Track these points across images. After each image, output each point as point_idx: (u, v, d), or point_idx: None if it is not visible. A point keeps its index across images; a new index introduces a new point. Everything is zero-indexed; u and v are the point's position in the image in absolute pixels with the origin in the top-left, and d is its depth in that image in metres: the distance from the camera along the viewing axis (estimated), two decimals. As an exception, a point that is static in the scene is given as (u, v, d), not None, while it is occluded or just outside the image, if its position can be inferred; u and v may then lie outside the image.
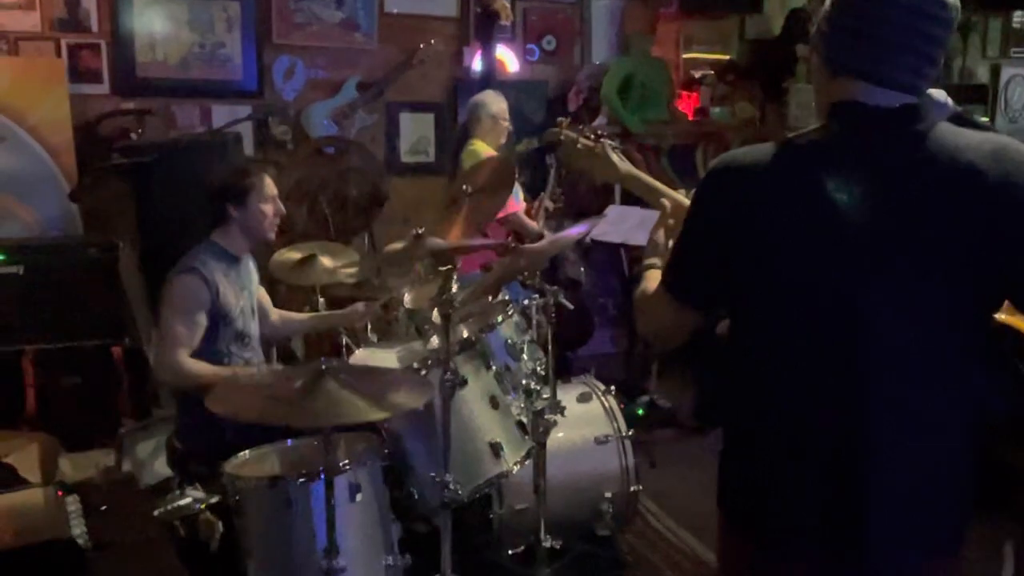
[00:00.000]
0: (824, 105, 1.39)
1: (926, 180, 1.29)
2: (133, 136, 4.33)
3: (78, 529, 1.69)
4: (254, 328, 3.00)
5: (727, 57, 5.66)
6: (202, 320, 2.75)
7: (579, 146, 1.99)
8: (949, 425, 1.35)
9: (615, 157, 1.97)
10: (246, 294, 2.95)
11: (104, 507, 1.88)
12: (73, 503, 1.80)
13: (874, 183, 1.30)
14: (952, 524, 1.39)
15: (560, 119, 2.22)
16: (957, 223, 1.28)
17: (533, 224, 4.31)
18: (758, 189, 1.35)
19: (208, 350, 2.77)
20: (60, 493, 1.85)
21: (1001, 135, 1.34)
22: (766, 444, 1.41)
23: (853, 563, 1.36)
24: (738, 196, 1.37)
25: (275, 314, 3.24)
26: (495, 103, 4.30)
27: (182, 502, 2.99)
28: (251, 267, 3.05)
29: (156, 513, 2.77)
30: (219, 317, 2.80)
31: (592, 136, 2.00)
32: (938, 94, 1.43)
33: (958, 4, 1.33)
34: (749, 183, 1.37)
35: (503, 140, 4.38)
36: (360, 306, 3.28)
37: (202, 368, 2.71)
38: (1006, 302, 1.36)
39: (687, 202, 1.74)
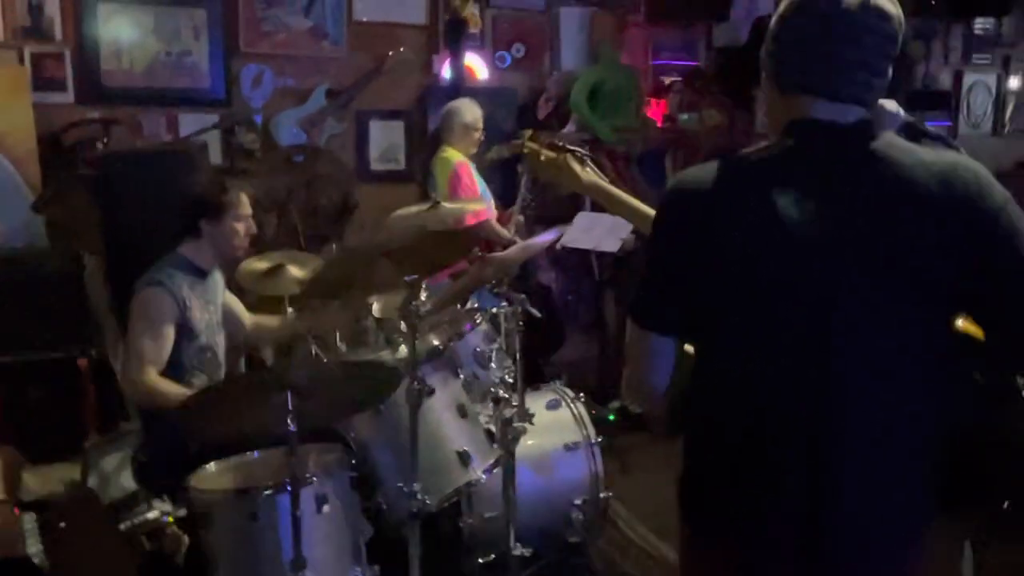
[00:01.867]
0: (777, 122, 1.41)
1: (877, 198, 1.31)
2: (99, 145, 4.28)
3: (34, 548, 1.66)
4: (220, 341, 2.97)
5: (695, 64, 5.70)
6: (169, 334, 2.72)
7: (542, 158, 1.99)
8: (913, 432, 1.37)
9: (577, 167, 1.97)
10: (212, 308, 2.93)
11: (63, 524, 1.85)
12: (29, 521, 1.78)
13: (826, 200, 1.32)
14: (916, 524, 1.41)
15: (523, 131, 2.22)
16: (908, 241, 1.30)
17: (504, 232, 4.32)
18: (714, 207, 1.36)
19: (172, 365, 2.74)
20: (16, 510, 1.81)
21: (950, 152, 1.37)
22: (731, 456, 1.42)
23: (812, 562, 1.38)
24: (694, 216, 1.38)
25: (249, 322, 3.21)
26: (469, 111, 4.31)
27: (149, 516, 2.96)
28: (218, 280, 3.02)
29: (122, 527, 2.75)
30: (184, 332, 2.77)
31: (554, 147, 2.00)
32: (890, 104, 1.46)
33: (900, 16, 1.35)
34: (704, 202, 1.37)
35: (474, 149, 4.39)
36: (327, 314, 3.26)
37: (168, 387, 2.68)
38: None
39: (648, 211, 1.76)
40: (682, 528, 1.53)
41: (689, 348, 1.49)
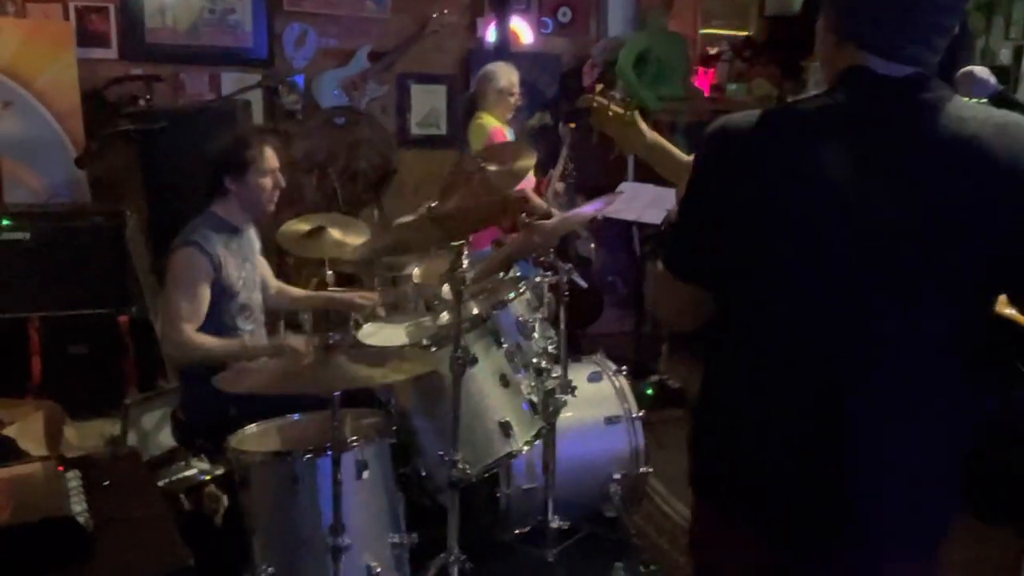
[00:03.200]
0: (830, 71, 1.34)
1: (929, 153, 1.23)
2: (141, 102, 4.27)
3: (79, 506, 1.65)
4: (257, 299, 2.95)
5: (745, 33, 5.55)
6: (205, 293, 2.70)
7: (610, 113, 1.96)
8: (938, 419, 1.29)
9: (643, 126, 1.94)
10: (248, 265, 2.90)
11: (106, 483, 1.84)
12: (74, 478, 1.77)
13: (876, 154, 1.24)
14: (932, 525, 1.34)
15: (596, 84, 2.19)
16: (958, 200, 1.21)
17: (540, 202, 4.23)
18: (757, 155, 1.29)
19: (213, 324, 2.72)
20: (61, 468, 1.81)
21: (1010, 112, 1.27)
22: (744, 423, 1.36)
23: (829, 553, 1.32)
24: (735, 164, 1.30)
25: (274, 287, 3.19)
26: (504, 76, 4.21)
27: (187, 473, 2.98)
28: (253, 236, 2.99)
29: (160, 484, 2.76)
30: (222, 290, 2.75)
31: (624, 103, 1.97)
32: (981, 71, 1.37)
33: None
34: (747, 150, 1.30)
35: (510, 114, 4.29)
36: (357, 298, 3.22)
37: (209, 341, 2.67)
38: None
39: None
40: (694, 498, 1.48)
41: None
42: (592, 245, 5.36)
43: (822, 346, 1.27)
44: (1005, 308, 1.31)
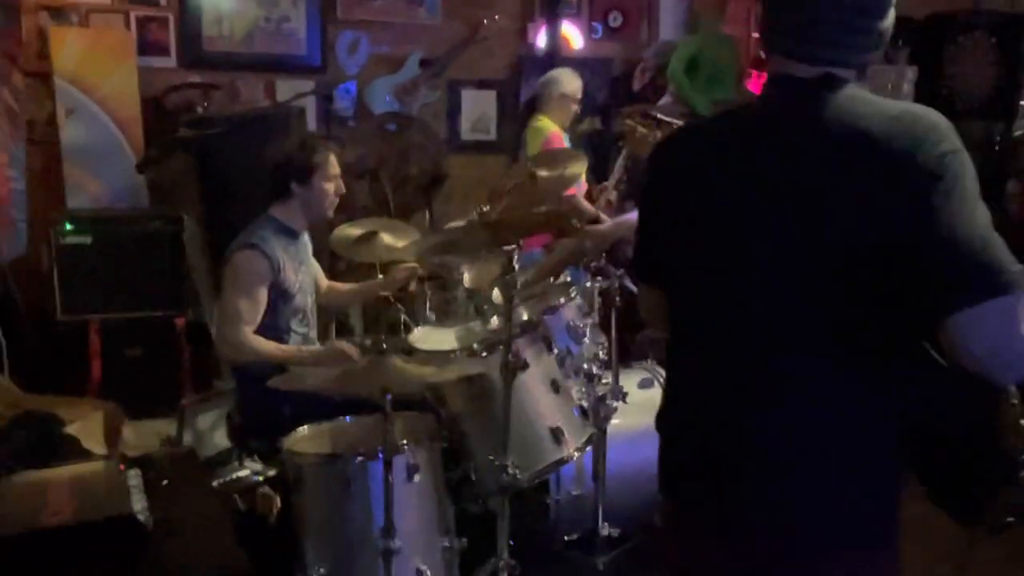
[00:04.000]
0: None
1: (818, 146, 1.26)
2: (199, 110, 4.36)
3: (139, 504, 1.68)
4: (311, 303, 2.99)
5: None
6: (263, 296, 2.74)
7: (637, 134, 1.98)
8: (850, 412, 1.27)
9: None
10: (304, 268, 2.94)
11: (165, 482, 1.88)
12: (135, 477, 1.80)
13: (766, 151, 1.30)
14: (855, 515, 1.30)
15: (624, 108, 2.21)
16: (841, 189, 1.22)
17: (590, 208, 4.21)
18: (677, 162, 1.42)
19: (269, 327, 2.76)
20: (122, 467, 1.84)
21: (913, 104, 1.27)
22: (674, 415, 1.46)
23: (743, 543, 1.34)
24: (665, 169, 1.44)
25: (324, 285, 3.23)
26: (570, 82, 4.20)
27: (241, 474, 3.01)
28: (307, 240, 3.03)
29: (215, 484, 2.80)
30: (279, 293, 2.79)
31: (647, 122, 1.98)
32: None
33: None
34: (674, 156, 1.43)
35: (569, 122, 4.29)
36: (399, 272, 3.21)
37: (265, 345, 2.71)
38: None
39: None
40: None
41: None
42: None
43: (713, 343, 1.35)
44: None
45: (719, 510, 1.36)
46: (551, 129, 4.11)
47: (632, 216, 3.01)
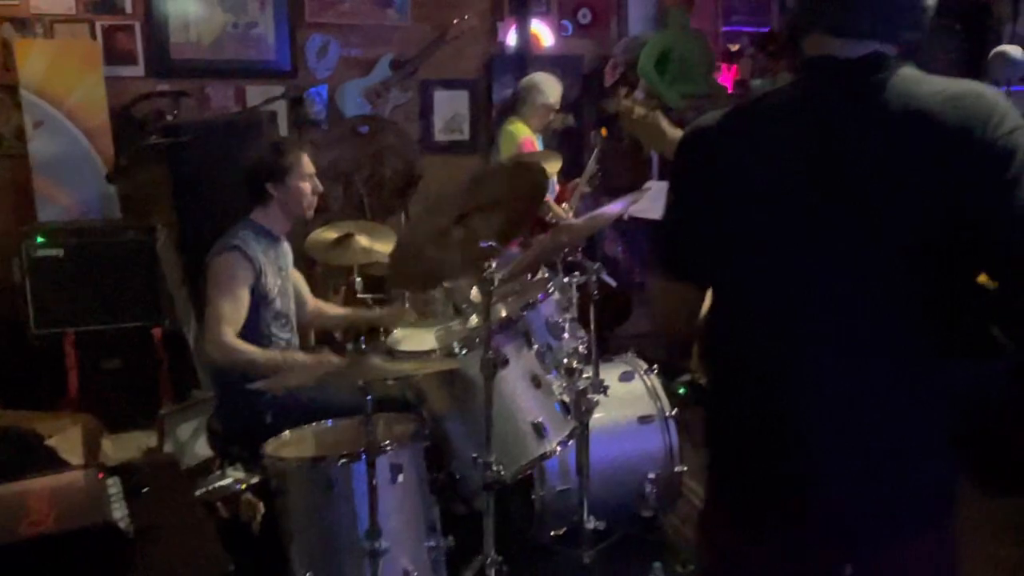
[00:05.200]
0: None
1: (877, 130, 1.24)
2: (168, 118, 4.33)
3: (119, 512, 1.67)
4: (292, 308, 2.97)
5: (767, 28, 5.52)
6: (246, 297, 2.72)
7: (634, 115, 1.97)
8: (898, 389, 1.27)
9: (666, 125, 1.94)
10: (284, 274, 2.93)
11: (146, 489, 1.86)
12: (114, 485, 1.79)
13: (827, 136, 1.26)
14: (918, 501, 1.30)
15: (621, 88, 2.23)
16: (909, 175, 1.21)
17: (561, 212, 4.22)
18: (721, 149, 1.34)
19: (250, 330, 2.74)
20: (101, 475, 1.83)
21: (972, 83, 1.26)
22: (726, 410, 1.41)
23: (811, 534, 1.31)
24: (703, 159, 1.36)
25: (312, 303, 3.20)
26: (551, 91, 4.20)
27: (223, 482, 2.99)
28: (288, 249, 3.02)
29: (197, 493, 2.78)
30: (260, 296, 2.77)
31: (647, 104, 1.98)
32: (1014, 51, 1.34)
33: None
34: (713, 145, 1.35)
35: (542, 128, 4.28)
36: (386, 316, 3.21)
37: (250, 348, 2.69)
38: None
39: None
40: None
41: None
42: (619, 246, 5.34)
43: (777, 330, 1.31)
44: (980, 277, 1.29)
45: (791, 490, 1.31)
46: (524, 134, 4.11)
47: (606, 210, 3.02)
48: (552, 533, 2.94)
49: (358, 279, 3.47)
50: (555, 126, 4.85)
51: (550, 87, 4.21)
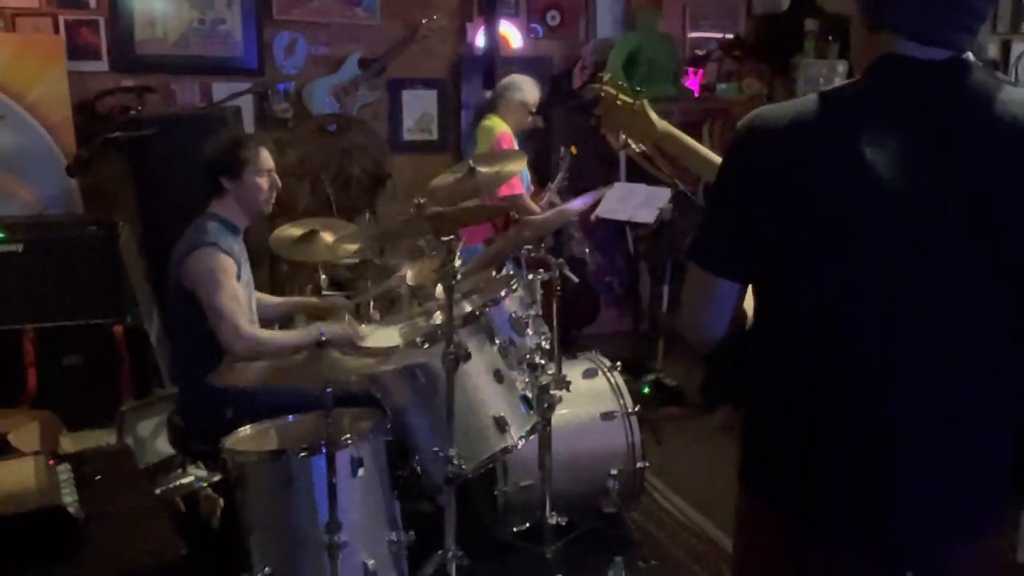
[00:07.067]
0: (863, 61, 1.31)
1: (972, 138, 1.22)
2: (132, 113, 4.28)
3: (69, 498, 1.65)
4: (254, 301, 2.95)
5: (734, 33, 5.58)
6: (239, 289, 2.70)
7: (618, 102, 1.91)
8: (984, 407, 1.28)
9: (653, 115, 1.90)
10: (247, 265, 2.91)
11: (98, 477, 1.84)
12: (65, 472, 1.77)
13: (918, 141, 1.22)
14: (986, 507, 1.32)
15: (600, 74, 2.16)
16: (1005, 184, 1.20)
17: (536, 208, 4.23)
18: (790, 145, 1.27)
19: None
20: (51, 462, 1.81)
21: None
22: (793, 414, 1.34)
23: (881, 541, 1.30)
24: (771, 156, 1.28)
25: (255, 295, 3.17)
26: (530, 92, 4.21)
27: (184, 480, 2.98)
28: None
29: (158, 491, 2.75)
30: None
31: (632, 91, 1.92)
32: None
33: None
34: (782, 141, 1.28)
35: (519, 128, 4.29)
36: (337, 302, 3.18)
37: (275, 335, 2.68)
38: None
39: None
40: (740, 489, 1.45)
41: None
42: (587, 248, 5.37)
43: (867, 337, 1.25)
44: None
45: (867, 502, 1.28)
46: (502, 129, 4.11)
47: (572, 204, 3.04)
48: (514, 528, 2.95)
49: (323, 276, 3.46)
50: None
51: (528, 87, 4.23)
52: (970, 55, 1.27)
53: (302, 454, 2.23)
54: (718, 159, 1.63)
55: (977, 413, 1.28)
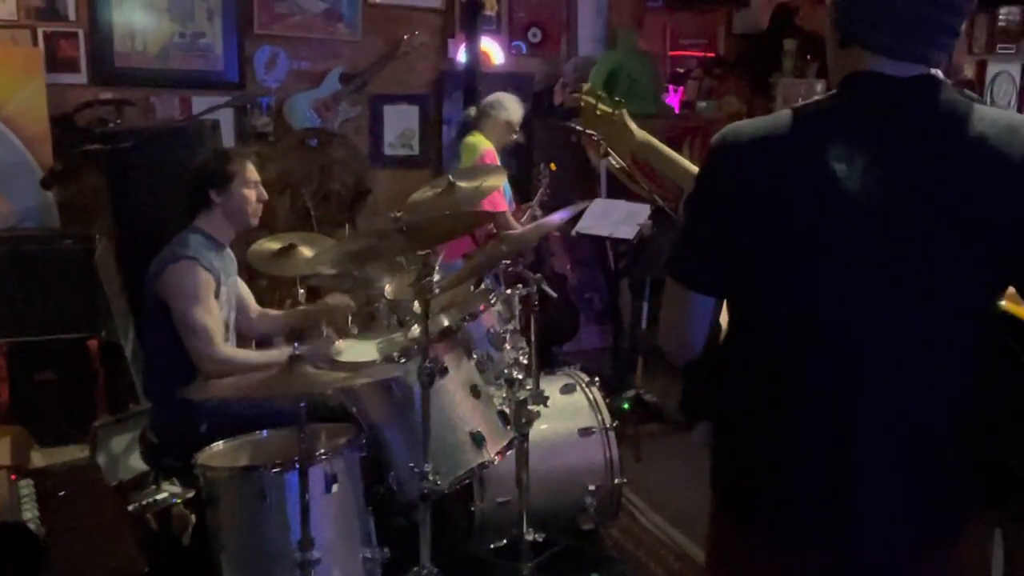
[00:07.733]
0: (835, 77, 1.33)
1: (937, 155, 1.24)
2: (111, 126, 4.24)
3: (29, 513, 1.62)
4: (233, 318, 2.93)
5: (714, 51, 5.63)
6: (215, 305, 2.68)
7: (598, 112, 1.93)
8: (944, 415, 1.29)
9: (633, 125, 1.92)
10: (230, 282, 2.90)
11: (62, 492, 1.81)
12: (26, 487, 1.73)
13: (881, 157, 1.24)
14: (946, 514, 1.33)
15: (582, 84, 2.19)
16: (971, 200, 1.22)
17: (517, 226, 4.23)
18: (765, 161, 1.29)
19: None
20: (13, 477, 1.77)
21: (1016, 114, 1.29)
22: (760, 424, 1.35)
23: (844, 553, 1.31)
24: (744, 170, 1.30)
25: (256, 310, 3.16)
26: (515, 111, 4.22)
27: (157, 497, 2.93)
28: (232, 256, 2.98)
29: (130, 508, 2.71)
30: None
31: (613, 102, 1.95)
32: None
33: None
34: (755, 156, 1.30)
35: (501, 146, 4.30)
36: (329, 300, 3.18)
37: (247, 354, 2.66)
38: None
39: None
40: (711, 501, 1.46)
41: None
42: (567, 264, 5.38)
43: (837, 349, 1.27)
44: (1005, 303, 1.33)
45: (828, 511, 1.30)
46: (485, 146, 4.12)
47: (551, 218, 3.04)
48: (491, 545, 2.92)
49: (301, 290, 3.44)
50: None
51: (514, 106, 4.25)
52: (939, 72, 1.29)
53: (275, 470, 2.21)
54: (696, 168, 1.65)
55: (939, 425, 1.29)
